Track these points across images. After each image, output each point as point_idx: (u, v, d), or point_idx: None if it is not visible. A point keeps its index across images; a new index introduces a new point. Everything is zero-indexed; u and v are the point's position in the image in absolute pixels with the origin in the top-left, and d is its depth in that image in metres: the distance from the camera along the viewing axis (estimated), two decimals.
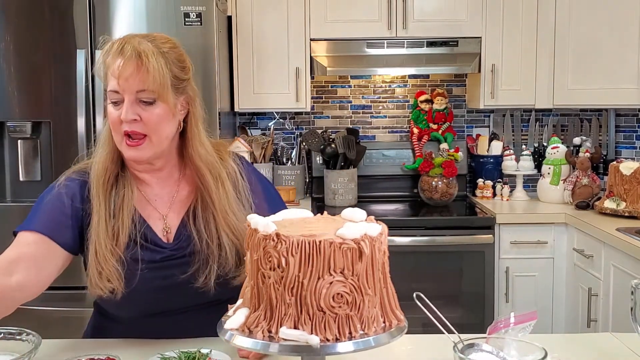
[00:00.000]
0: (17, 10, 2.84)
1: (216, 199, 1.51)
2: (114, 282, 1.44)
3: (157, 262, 1.50)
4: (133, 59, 1.40)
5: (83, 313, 2.88)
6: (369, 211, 1.37)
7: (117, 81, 1.41)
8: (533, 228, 3.20)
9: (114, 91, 1.43)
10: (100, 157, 1.51)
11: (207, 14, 2.85)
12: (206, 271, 1.48)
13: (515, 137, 3.83)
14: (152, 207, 1.54)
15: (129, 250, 1.48)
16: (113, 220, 1.47)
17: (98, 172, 1.50)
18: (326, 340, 1.04)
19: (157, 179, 1.56)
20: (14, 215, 2.93)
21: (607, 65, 3.26)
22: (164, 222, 1.53)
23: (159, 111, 1.43)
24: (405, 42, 3.42)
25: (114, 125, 1.45)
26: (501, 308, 3.19)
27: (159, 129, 1.45)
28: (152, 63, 1.40)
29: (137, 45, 1.41)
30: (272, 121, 3.80)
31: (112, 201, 1.49)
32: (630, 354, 1.47)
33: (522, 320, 1.33)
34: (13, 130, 2.89)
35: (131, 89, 1.41)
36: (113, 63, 1.42)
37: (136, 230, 1.48)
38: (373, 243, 1.07)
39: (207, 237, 1.50)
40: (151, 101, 1.43)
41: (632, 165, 3.01)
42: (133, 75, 1.40)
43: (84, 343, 1.58)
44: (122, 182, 1.52)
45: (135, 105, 1.42)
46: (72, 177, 1.54)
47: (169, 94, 1.43)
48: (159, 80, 1.40)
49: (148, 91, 1.41)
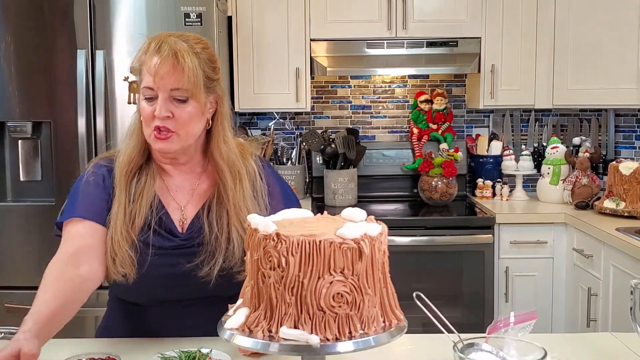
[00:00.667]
0: (17, 10, 2.84)
1: (232, 194, 1.55)
2: (126, 268, 1.50)
3: (166, 249, 1.54)
4: (170, 58, 1.45)
5: (83, 313, 2.89)
6: (369, 211, 1.37)
7: (152, 78, 1.46)
8: (533, 228, 3.20)
9: (149, 88, 1.48)
10: (126, 149, 1.58)
11: (207, 14, 2.86)
12: (211, 263, 1.52)
13: (515, 137, 3.83)
14: (172, 197, 1.60)
15: (142, 234, 1.53)
16: (132, 204, 1.53)
17: (122, 163, 1.56)
18: (326, 339, 1.05)
19: (179, 172, 1.61)
20: (14, 215, 2.93)
21: (607, 65, 3.26)
22: (181, 213, 1.59)
23: (191, 109, 1.49)
24: (405, 43, 3.42)
25: (147, 119, 1.51)
26: (501, 308, 3.19)
27: (189, 126, 1.51)
28: (188, 63, 1.45)
29: (174, 44, 1.46)
30: (272, 121, 3.80)
31: (133, 187, 1.55)
32: (630, 354, 1.47)
33: (522, 319, 1.33)
34: (13, 130, 2.89)
35: (166, 87, 1.47)
36: (150, 61, 1.47)
37: (153, 215, 1.54)
38: (373, 243, 1.08)
39: (217, 230, 1.54)
40: (184, 99, 1.48)
41: (632, 165, 3.01)
42: (169, 74, 1.45)
43: (84, 343, 1.58)
44: (146, 172, 1.58)
45: (168, 102, 1.48)
46: (100, 163, 1.61)
47: (201, 93, 1.49)
48: (193, 80, 1.46)
49: (182, 90, 1.47)
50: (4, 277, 2.93)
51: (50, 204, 2.90)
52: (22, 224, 2.92)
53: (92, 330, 2.92)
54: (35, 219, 2.91)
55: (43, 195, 2.95)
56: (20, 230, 2.92)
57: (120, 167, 1.56)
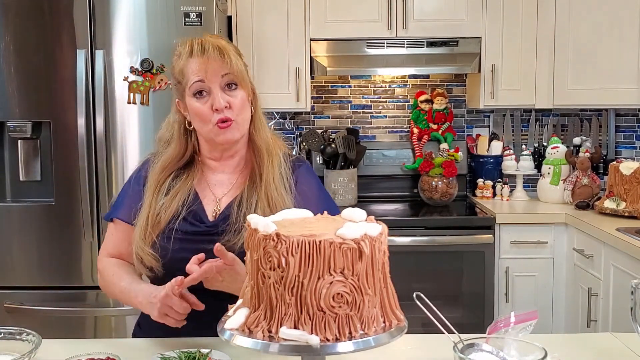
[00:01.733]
0: (17, 10, 2.83)
1: (264, 171, 1.62)
2: (151, 263, 1.57)
3: (189, 234, 1.59)
4: (217, 53, 1.55)
5: (83, 313, 2.91)
6: (369, 211, 1.37)
7: (204, 72, 1.55)
8: (533, 228, 3.20)
9: (200, 80, 1.56)
10: (166, 157, 1.65)
11: (207, 14, 2.85)
12: (235, 239, 1.55)
13: (515, 137, 3.83)
14: (210, 190, 1.67)
15: (170, 224, 1.59)
16: (164, 198, 1.60)
17: (155, 170, 1.65)
18: (326, 340, 1.04)
19: (223, 168, 1.68)
20: (14, 215, 2.93)
21: (607, 65, 3.26)
22: (216, 204, 1.65)
23: (242, 95, 1.59)
24: (405, 42, 3.42)
25: (205, 117, 1.57)
26: (501, 308, 3.19)
27: (243, 112, 1.60)
28: (233, 54, 1.57)
29: (216, 43, 1.56)
30: (272, 121, 3.80)
31: (167, 185, 1.63)
32: (630, 354, 1.47)
33: (522, 319, 1.33)
34: (13, 130, 2.89)
35: (217, 77, 1.56)
36: (195, 61, 1.56)
37: (183, 209, 1.60)
38: (373, 243, 1.07)
39: (245, 209, 1.59)
40: (235, 85, 1.58)
41: (632, 165, 3.01)
42: (219, 64, 1.55)
43: (84, 343, 1.58)
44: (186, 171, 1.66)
45: (222, 92, 1.57)
46: (149, 159, 1.71)
47: (246, 81, 1.61)
48: (239, 68, 1.57)
49: (232, 75, 1.57)
50: (4, 277, 2.93)
51: (49, 204, 2.90)
52: (22, 224, 2.92)
53: (92, 330, 2.93)
54: (34, 219, 2.91)
55: (43, 195, 2.95)
56: (20, 231, 2.91)
57: (153, 174, 1.64)
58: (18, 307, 2.90)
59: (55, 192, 2.90)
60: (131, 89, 2.86)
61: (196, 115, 1.59)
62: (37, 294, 2.91)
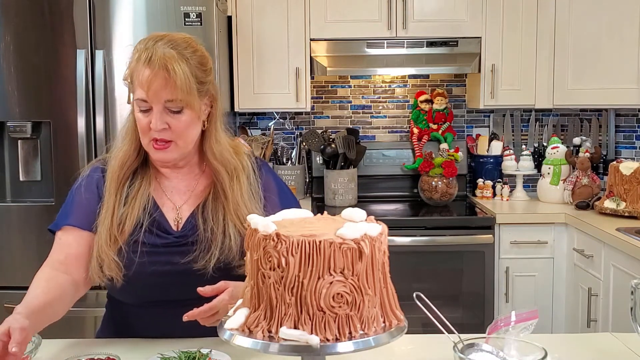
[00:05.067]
0: (17, 10, 2.84)
1: (229, 192, 1.56)
2: (112, 272, 1.51)
3: (158, 246, 1.54)
4: (161, 72, 1.44)
5: (83, 313, 2.91)
6: (369, 211, 1.37)
7: (146, 92, 1.46)
8: (533, 228, 3.20)
9: (143, 100, 1.48)
10: (119, 152, 1.58)
11: (207, 14, 2.86)
12: (207, 256, 1.52)
13: (515, 137, 3.83)
14: (168, 198, 1.60)
15: (134, 235, 1.53)
16: (123, 208, 1.54)
17: (114, 168, 1.57)
18: (326, 340, 1.04)
19: (177, 174, 1.62)
20: (14, 215, 2.93)
21: (607, 65, 3.26)
22: (176, 212, 1.59)
23: (186, 118, 1.49)
24: (405, 42, 3.42)
25: (143, 130, 1.51)
26: (501, 308, 3.19)
27: (186, 135, 1.52)
28: (179, 73, 1.44)
29: (162, 55, 1.44)
30: (272, 121, 3.80)
31: (125, 191, 1.56)
32: (630, 354, 1.47)
33: (523, 318, 1.33)
34: (13, 130, 2.89)
35: (160, 100, 1.47)
36: (141, 73, 1.46)
37: (145, 217, 1.54)
38: (373, 243, 1.07)
39: (213, 224, 1.54)
40: (179, 110, 1.48)
41: (632, 165, 3.01)
42: (162, 87, 1.45)
43: (84, 343, 1.58)
44: (141, 175, 1.59)
45: (164, 114, 1.48)
46: (96, 166, 1.63)
47: (195, 100, 1.48)
48: (186, 90, 1.46)
49: (176, 101, 1.47)
50: (4, 277, 2.93)
51: (49, 204, 2.89)
52: (22, 224, 2.92)
53: (91, 330, 2.92)
54: (34, 219, 2.91)
55: (42, 195, 2.95)
56: (20, 231, 2.91)
57: (111, 172, 1.57)
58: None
59: (55, 192, 2.90)
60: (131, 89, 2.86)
61: (138, 126, 1.52)
62: None
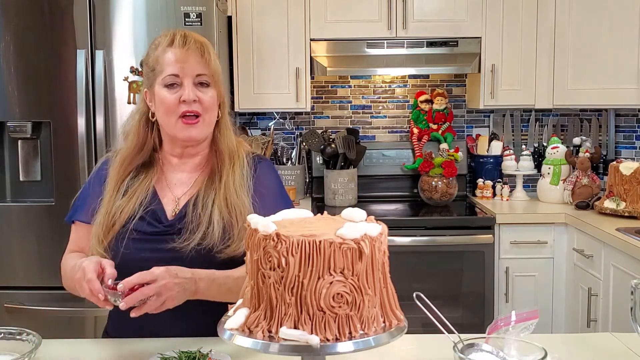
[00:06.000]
0: (17, 10, 2.84)
1: (224, 175, 1.61)
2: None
3: (146, 234, 1.56)
4: (197, 51, 1.56)
5: (83, 313, 2.90)
6: (369, 211, 1.37)
7: (180, 65, 1.55)
8: (533, 228, 3.20)
9: (174, 75, 1.55)
10: (124, 150, 1.63)
11: (207, 14, 2.85)
12: (190, 239, 1.54)
13: (515, 137, 3.83)
14: (169, 190, 1.64)
15: (126, 225, 1.56)
16: (121, 200, 1.58)
17: (115, 164, 1.63)
18: (326, 340, 1.04)
19: (185, 165, 1.66)
20: (14, 215, 2.93)
21: (607, 65, 3.26)
22: (175, 204, 1.62)
23: (212, 94, 1.59)
24: (405, 42, 3.42)
25: (171, 107, 1.56)
26: (501, 308, 3.19)
27: (211, 111, 1.60)
28: (213, 57, 1.59)
29: (199, 39, 1.59)
30: (272, 121, 3.80)
31: (125, 186, 1.60)
32: (630, 354, 1.47)
33: (523, 318, 1.33)
34: (13, 130, 2.89)
35: (193, 73, 1.56)
36: (174, 52, 1.56)
37: (142, 207, 1.58)
38: (373, 243, 1.07)
39: (200, 209, 1.57)
40: (208, 84, 1.58)
41: (632, 165, 3.01)
42: (196, 61, 1.56)
43: (84, 343, 1.58)
44: (146, 169, 1.64)
45: (193, 87, 1.57)
46: (108, 159, 1.68)
47: (219, 82, 1.62)
48: (216, 69, 1.59)
49: (207, 75, 1.58)
50: (4, 277, 2.93)
51: (49, 204, 2.89)
52: (22, 224, 2.92)
53: (91, 330, 2.92)
54: (34, 219, 2.91)
55: (42, 195, 2.95)
56: (20, 231, 2.91)
57: (113, 169, 1.62)
58: (18, 307, 2.89)
59: (55, 192, 2.90)
60: (131, 89, 2.86)
61: (162, 104, 1.56)
62: (37, 294, 2.90)
